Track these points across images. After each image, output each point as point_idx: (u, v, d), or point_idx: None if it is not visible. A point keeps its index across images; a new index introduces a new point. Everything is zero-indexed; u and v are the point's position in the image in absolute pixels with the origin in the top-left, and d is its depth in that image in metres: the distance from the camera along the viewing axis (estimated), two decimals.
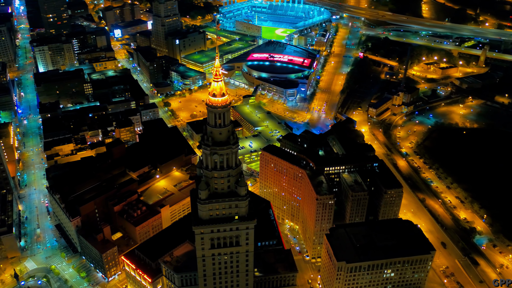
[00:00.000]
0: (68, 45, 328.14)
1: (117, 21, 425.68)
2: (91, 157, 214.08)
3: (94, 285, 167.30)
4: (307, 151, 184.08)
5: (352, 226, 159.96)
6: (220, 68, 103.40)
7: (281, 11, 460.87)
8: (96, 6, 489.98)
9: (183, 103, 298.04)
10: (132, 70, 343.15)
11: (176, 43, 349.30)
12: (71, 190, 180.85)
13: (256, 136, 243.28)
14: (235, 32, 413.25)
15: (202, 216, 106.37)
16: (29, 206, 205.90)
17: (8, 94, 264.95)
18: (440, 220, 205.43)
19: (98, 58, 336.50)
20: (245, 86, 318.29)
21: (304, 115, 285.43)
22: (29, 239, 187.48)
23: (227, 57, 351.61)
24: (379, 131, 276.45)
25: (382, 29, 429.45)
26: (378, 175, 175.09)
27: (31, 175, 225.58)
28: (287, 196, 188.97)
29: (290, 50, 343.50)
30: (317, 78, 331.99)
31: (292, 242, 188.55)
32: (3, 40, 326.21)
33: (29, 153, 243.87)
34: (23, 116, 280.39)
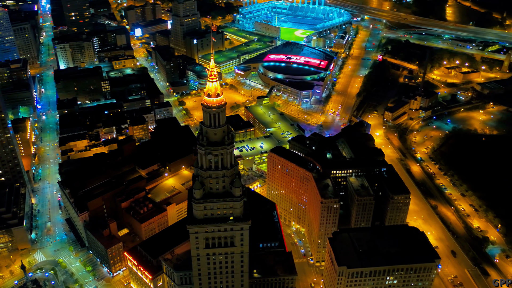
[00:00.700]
0: (88, 43, 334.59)
1: (138, 20, 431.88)
2: (103, 154, 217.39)
3: (99, 279, 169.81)
4: (314, 154, 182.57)
5: (356, 230, 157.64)
6: (215, 68, 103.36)
7: (301, 12, 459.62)
8: (119, 5, 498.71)
9: (198, 103, 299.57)
10: (150, 69, 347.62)
11: (194, 42, 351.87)
12: (81, 185, 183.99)
13: (268, 137, 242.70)
14: (253, 33, 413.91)
15: (196, 215, 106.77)
16: (42, 200, 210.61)
17: (28, 90, 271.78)
18: (451, 228, 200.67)
19: (117, 56, 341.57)
20: (261, 87, 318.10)
21: (318, 117, 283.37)
22: (39, 232, 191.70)
23: (244, 58, 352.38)
24: (394, 135, 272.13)
25: (404, 32, 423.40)
26: (386, 180, 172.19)
27: (46, 170, 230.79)
28: (293, 198, 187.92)
29: (307, 52, 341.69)
30: (334, 80, 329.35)
31: (298, 244, 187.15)
32: (27, 37, 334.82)
33: (45, 148, 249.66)
34: (42, 111, 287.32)
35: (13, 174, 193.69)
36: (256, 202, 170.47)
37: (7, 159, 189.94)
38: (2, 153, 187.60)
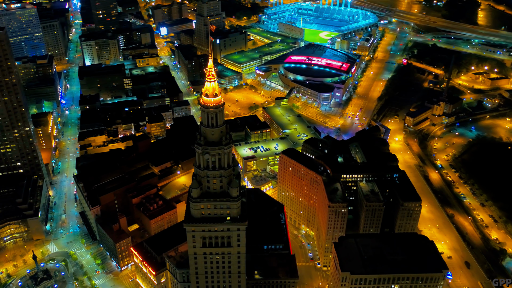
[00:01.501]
0: (113, 41, 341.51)
1: (165, 19, 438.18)
2: (119, 150, 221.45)
3: (107, 273, 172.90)
4: (325, 157, 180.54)
5: (363, 236, 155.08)
6: (213, 68, 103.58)
7: (327, 14, 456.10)
8: (147, 4, 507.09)
9: None
10: (173, 68, 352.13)
11: (217, 42, 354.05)
12: (95, 180, 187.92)
13: (283, 138, 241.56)
14: (277, 34, 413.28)
15: (193, 214, 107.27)
16: (59, 193, 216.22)
17: (52, 85, 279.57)
18: (467, 238, 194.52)
19: (141, 54, 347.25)
20: (281, 88, 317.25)
21: (336, 120, 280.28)
22: (54, 223, 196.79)
23: (266, 58, 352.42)
24: (414, 141, 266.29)
25: (431, 36, 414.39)
26: (397, 187, 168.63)
27: (65, 163, 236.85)
28: (304, 201, 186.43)
29: (329, 54, 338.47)
30: (355, 83, 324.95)
31: (307, 248, 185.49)
32: (55, 34, 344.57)
33: (66, 142, 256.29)
34: (66, 106, 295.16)
35: (32, 166, 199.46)
36: (263, 203, 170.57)
37: (26, 152, 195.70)
38: (22, 146, 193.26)
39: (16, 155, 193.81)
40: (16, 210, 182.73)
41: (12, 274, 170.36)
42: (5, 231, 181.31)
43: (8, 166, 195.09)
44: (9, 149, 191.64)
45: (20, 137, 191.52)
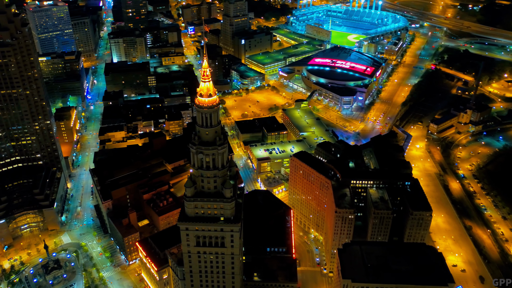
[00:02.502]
0: (141, 39, 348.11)
1: (194, 19, 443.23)
2: (136, 146, 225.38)
3: (115, 266, 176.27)
4: (336, 161, 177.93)
5: (369, 244, 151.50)
6: (208, 68, 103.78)
7: (356, 17, 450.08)
8: (178, 3, 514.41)
9: (238, 102, 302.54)
10: (197, 67, 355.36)
11: (242, 42, 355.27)
12: (109, 175, 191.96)
13: (300, 141, 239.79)
14: (304, 36, 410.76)
15: (188, 212, 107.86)
16: (77, 185, 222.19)
17: (79, 81, 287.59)
18: (484, 252, 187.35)
19: (167, 53, 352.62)
20: (303, 90, 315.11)
21: (357, 124, 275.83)
22: (70, 215, 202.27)
23: (290, 60, 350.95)
24: (436, 148, 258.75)
25: (464, 41, 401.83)
26: (408, 195, 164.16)
27: (85, 157, 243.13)
28: (313, 205, 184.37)
29: (354, 57, 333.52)
30: (379, 88, 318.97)
31: (315, 253, 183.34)
32: (86, 31, 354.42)
33: (88, 136, 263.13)
34: (91, 101, 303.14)
35: (51, 158, 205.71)
36: (270, 205, 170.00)
37: (45, 144, 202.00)
38: (42, 139, 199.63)
39: (36, 147, 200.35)
40: (33, 200, 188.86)
41: (25, 262, 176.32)
42: (22, 220, 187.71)
43: (28, 158, 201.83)
44: (30, 141, 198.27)
45: (40, 129, 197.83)
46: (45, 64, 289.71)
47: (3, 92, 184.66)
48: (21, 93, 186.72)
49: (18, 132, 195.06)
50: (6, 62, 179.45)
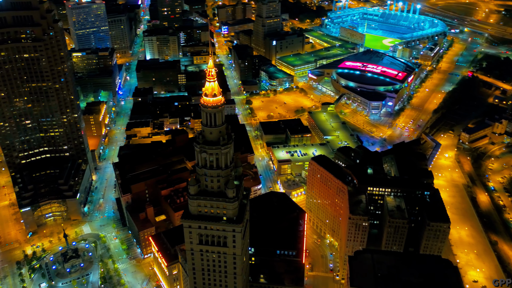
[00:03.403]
0: (174, 37, 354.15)
1: (228, 19, 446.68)
2: (159, 142, 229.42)
3: (131, 258, 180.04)
4: (354, 167, 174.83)
5: (381, 253, 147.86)
6: (213, 68, 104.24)
7: (393, 20, 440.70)
8: (215, 3, 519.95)
9: (265, 103, 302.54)
10: (228, 66, 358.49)
11: (273, 43, 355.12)
12: (131, 169, 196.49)
13: (324, 145, 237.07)
14: (337, 38, 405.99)
15: (191, 210, 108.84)
16: (101, 178, 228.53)
17: (110, 77, 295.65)
18: (508, 269, 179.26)
19: (199, 52, 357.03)
20: (332, 93, 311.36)
21: (384, 130, 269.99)
22: (92, 206, 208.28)
23: (321, 63, 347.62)
24: (467, 159, 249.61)
25: (506, 48, 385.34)
26: (427, 205, 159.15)
27: (112, 151, 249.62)
28: (330, 210, 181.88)
29: (386, 61, 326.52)
30: (411, 94, 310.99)
31: (329, 258, 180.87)
32: (122, 28, 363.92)
33: (116, 131, 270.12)
34: (122, 97, 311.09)
35: (77, 151, 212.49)
36: (284, 207, 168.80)
37: (72, 137, 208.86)
38: (69, 131, 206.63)
39: (63, 139, 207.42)
40: (57, 190, 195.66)
41: (47, 249, 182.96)
42: (47, 209, 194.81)
43: (55, 149, 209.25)
44: (57, 133, 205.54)
45: (68, 122, 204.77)
46: (79, 60, 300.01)
47: (34, 85, 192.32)
48: (50, 86, 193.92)
49: (47, 124, 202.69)
50: (38, 56, 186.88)
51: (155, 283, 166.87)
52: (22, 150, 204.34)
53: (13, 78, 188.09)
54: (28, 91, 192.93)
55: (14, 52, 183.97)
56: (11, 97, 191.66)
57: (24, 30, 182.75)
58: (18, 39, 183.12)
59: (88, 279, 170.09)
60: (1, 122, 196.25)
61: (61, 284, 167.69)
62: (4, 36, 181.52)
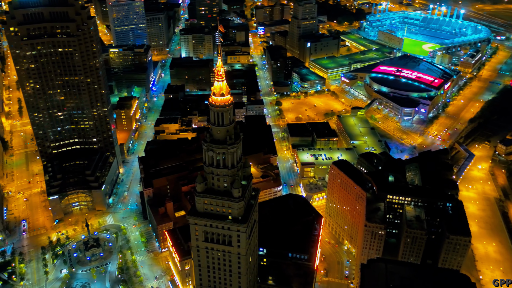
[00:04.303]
0: (209, 36, 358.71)
1: (265, 19, 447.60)
2: (185, 139, 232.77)
3: (149, 251, 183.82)
4: (375, 174, 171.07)
5: (396, 263, 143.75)
6: (221, 68, 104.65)
7: (434, 25, 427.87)
8: (254, 3, 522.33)
9: (295, 105, 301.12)
10: (261, 67, 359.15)
11: (307, 45, 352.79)
12: (155, 164, 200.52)
13: (350, 149, 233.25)
14: (374, 42, 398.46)
15: (197, 208, 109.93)
16: (128, 171, 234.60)
17: (144, 73, 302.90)
18: None
19: (234, 51, 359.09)
20: (364, 97, 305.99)
21: (415, 138, 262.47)
22: (117, 198, 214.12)
23: (355, 66, 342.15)
24: (501, 171, 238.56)
25: None
26: (448, 217, 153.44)
27: (140, 145, 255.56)
28: (349, 216, 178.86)
29: (423, 67, 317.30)
30: (447, 101, 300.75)
31: (345, 265, 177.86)
32: (160, 26, 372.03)
33: (146, 126, 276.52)
34: (155, 93, 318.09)
35: (106, 144, 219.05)
36: (300, 210, 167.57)
37: (102, 130, 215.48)
38: (98, 124, 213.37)
39: (92, 131, 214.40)
40: (84, 181, 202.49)
41: (70, 237, 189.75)
42: (74, 198, 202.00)
43: (85, 141, 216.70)
44: (87, 126, 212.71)
45: (98, 116, 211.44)
46: (116, 55, 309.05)
47: (67, 78, 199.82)
48: (82, 80, 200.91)
49: (78, 116, 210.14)
50: (71, 51, 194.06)
51: (169, 277, 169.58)
52: (54, 141, 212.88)
53: (48, 71, 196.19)
54: (61, 84, 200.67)
55: (49, 46, 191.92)
56: (45, 89, 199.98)
57: (59, 26, 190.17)
58: (54, 34, 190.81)
59: (107, 269, 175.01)
60: (36, 113, 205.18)
61: (81, 272, 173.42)
62: (41, 31, 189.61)
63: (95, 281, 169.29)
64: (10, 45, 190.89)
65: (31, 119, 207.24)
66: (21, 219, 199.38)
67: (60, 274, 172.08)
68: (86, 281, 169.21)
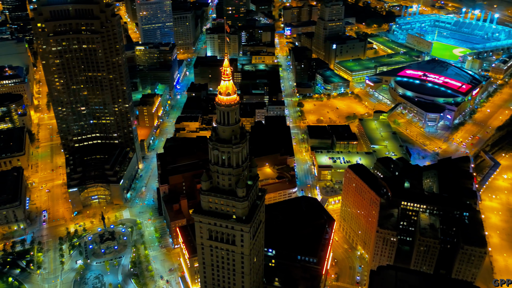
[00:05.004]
0: (234, 36, 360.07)
1: (293, 20, 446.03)
2: (204, 138, 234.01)
3: (162, 247, 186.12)
4: (390, 179, 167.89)
5: (407, 271, 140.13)
6: (228, 67, 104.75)
7: (467, 29, 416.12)
8: (282, 4, 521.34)
9: (317, 107, 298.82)
10: (286, 68, 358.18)
11: (333, 47, 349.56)
12: (172, 161, 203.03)
13: (369, 154, 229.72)
14: (403, 45, 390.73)
15: (203, 206, 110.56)
16: (147, 167, 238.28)
17: (169, 71, 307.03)
18: None
19: (259, 51, 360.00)
20: (388, 101, 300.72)
21: (438, 144, 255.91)
22: (134, 193, 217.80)
23: (381, 69, 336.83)
24: None
25: None
26: (464, 227, 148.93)
27: (161, 142, 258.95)
28: (363, 221, 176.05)
29: (451, 72, 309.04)
30: (475, 108, 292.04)
31: (357, 271, 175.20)
32: (187, 25, 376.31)
33: (168, 124, 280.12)
34: (179, 91, 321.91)
35: (126, 139, 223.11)
36: (313, 213, 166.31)
37: (122, 126, 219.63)
38: (119, 120, 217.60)
39: (113, 127, 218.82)
40: (103, 175, 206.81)
41: (87, 229, 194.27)
42: (93, 191, 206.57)
43: (106, 136, 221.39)
44: (108, 121, 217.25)
45: (119, 112, 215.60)
46: (142, 53, 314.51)
47: (90, 74, 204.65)
48: (105, 76, 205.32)
49: (99, 111, 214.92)
50: (95, 47, 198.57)
51: (180, 274, 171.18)
52: (76, 134, 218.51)
53: (72, 66, 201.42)
54: (85, 79, 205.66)
55: (74, 42, 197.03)
56: (69, 84, 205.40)
57: (84, 23, 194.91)
58: (79, 30, 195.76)
59: (120, 262, 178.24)
60: (60, 107, 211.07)
61: (95, 263, 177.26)
62: (67, 27, 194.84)
63: (108, 273, 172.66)
64: (37, 40, 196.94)
65: (55, 113, 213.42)
66: (42, 210, 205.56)
67: (75, 264, 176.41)
68: (100, 273, 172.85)
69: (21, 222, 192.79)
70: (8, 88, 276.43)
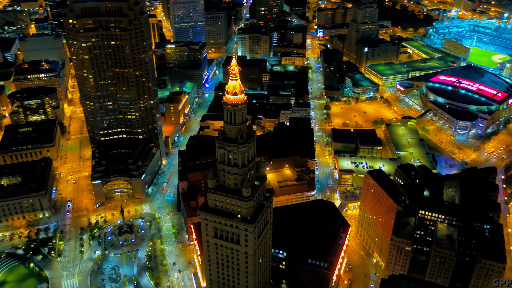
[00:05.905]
0: (265, 37, 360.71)
1: (327, 22, 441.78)
2: None
3: (178, 242, 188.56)
4: (410, 187, 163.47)
5: (419, 282, 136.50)
6: (236, 67, 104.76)
7: (508, 35, 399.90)
8: (317, 5, 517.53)
9: (344, 110, 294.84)
10: (316, 70, 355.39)
11: (365, 50, 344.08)
12: (193, 158, 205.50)
13: (394, 160, 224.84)
14: (438, 50, 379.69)
15: (209, 203, 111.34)
16: (170, 163, 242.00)
17: (198, 70, 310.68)
18: None
19: (289, 53, 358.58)
20: (418, 107, 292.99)
21: (469, 153, 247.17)
22: (156, 188, 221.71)
23: (413, 74, 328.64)
24: None
25: None
26: (484, 240, 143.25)
27: (186, 139, 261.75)
28: (379, 228, 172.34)
29: (486, 79, 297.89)
30: (510, 117, 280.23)
31: (371, 278, 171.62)
32: (219, 24, 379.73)
33: (194, 121, 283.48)
34: (207, 90, 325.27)
35: (150, 135, 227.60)
36: (327, 217, 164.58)
37: (147, 122, 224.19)
38: (144, 116, 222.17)
39: (138, 122, 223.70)
40: (126, 169, 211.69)
41: (108, 221, 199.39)
42: (116, 184, 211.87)
43: (131, 131, 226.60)
44: (134, 117, 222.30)
45: (144, 108, 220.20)
46: (172, 51, 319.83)
47: (117, 70, 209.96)
48: (131, 73, 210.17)
49: (125, 107, 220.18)
50: (123, 44, 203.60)
51: (193, 270, 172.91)
52: (103, 128, 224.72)
53: (100, 62, 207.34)
54: (112, 75, 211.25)
55: (103, 39, 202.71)
56: (97, 79, 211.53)
57: (113, 20, 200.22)
58: (108, 27, 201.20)
59: (137, 255, 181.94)
60: (88, 101, 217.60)
61: (113, 255, 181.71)
62: (96, 24, 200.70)
63: (124, 265, 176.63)
64: (68, 36, 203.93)
65: (84, 107, 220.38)
66: (67, 200, 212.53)
67: (94, 255, 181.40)
68: (116, 264, 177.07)
69: (46, 211, 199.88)
70: (44, 81, 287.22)
